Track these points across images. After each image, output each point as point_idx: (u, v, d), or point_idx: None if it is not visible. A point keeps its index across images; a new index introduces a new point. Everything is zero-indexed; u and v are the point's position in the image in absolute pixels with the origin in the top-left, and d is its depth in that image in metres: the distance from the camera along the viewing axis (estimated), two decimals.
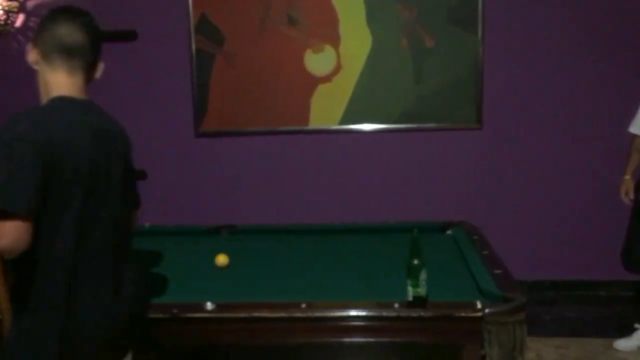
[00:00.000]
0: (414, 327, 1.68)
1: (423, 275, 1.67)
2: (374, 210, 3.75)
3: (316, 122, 3.84)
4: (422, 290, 1.67)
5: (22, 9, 3.93)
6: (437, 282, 1.77)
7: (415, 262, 1.67)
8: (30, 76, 3.95)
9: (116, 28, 3.87)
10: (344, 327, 1.70)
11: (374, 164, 3.85)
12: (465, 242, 2.38)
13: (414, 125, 3.76)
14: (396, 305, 1.67)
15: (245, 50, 3.81)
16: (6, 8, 3.82)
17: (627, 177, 3.12)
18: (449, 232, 2.65)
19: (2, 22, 3.85)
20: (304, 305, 1.69)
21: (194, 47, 3.82)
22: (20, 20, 3.95)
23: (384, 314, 1.66)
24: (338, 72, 3.78)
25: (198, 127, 3.89)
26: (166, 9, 3.85)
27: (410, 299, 1.67)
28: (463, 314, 1.64)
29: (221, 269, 2.16)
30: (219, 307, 1.69)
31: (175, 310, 1.68)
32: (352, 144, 3.84)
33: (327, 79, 3.79)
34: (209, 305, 1.69)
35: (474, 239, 2.40)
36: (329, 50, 3.76)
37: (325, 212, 3.78)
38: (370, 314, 1.67)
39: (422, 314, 1.65)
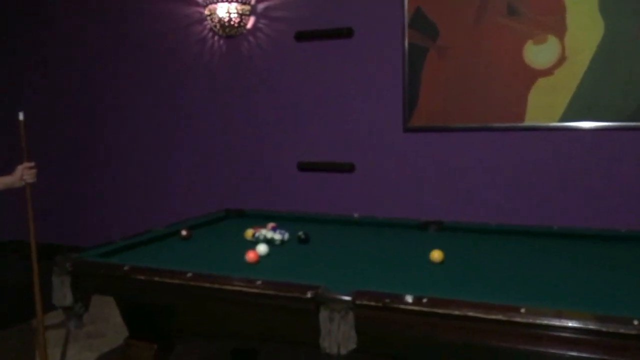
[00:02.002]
0: None
1: None
2: (599, 216, 3.38)
3: (533, 118, 3.58)
4: None
5: (253, 11, 4.31)
6: None
7: None
8: (261, 73, 4.24)
9: (333, 26, 4.06)
10: (569, 339, 1.54)
11: (599, 166, 3.47)
12: None
13: None
14: (636, 322, 1.46)
15: (459, 44, 3.70)
16: (240, 11, 4.22)
17: None
18: None
19: (236, 25, 4.26)
20: (523, 310, 1.56)
21: (407, 41, 3.82)
22: (251, 22, 4.34)
23: (621, 330, 1.46)
24: (562, 64, 3.47)
25: (407, 122, 3.89)
26: (381, 6, 3.91)
27: None
28: None
29: (433, 264, 2.12)
30: (432, 302, 1.65)
31: (387, 300, 1.68)
32: (574, 143, 3.51)
33: (548, 72, 3.51)
34: (418, 299, 1.66)
35: None
36: (552, 40, 3.48)
37: (541, 214, 3.51)
38: (603, 328, 1.48)
39: None
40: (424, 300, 1.66)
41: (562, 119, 3.51)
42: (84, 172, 5.10)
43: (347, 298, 1.72)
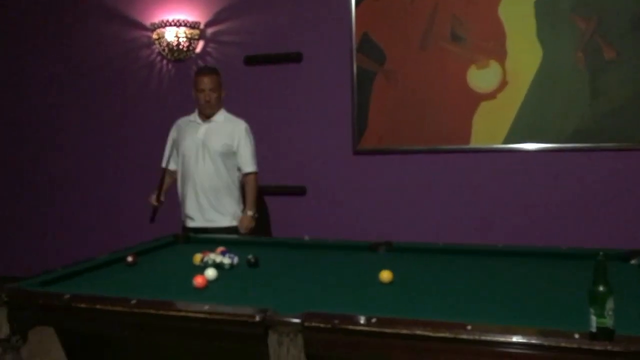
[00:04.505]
0: None
1: (610, 304, 1.47)
2: (541, 234, 3.48)
3: (478, 140, 3.68)
4: (608, 321, 1.47)
5: (202, 35, 4.30)
6: (623, 314, 1.56)
7: (601, 288, 1.48)
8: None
9: (283, 51, 4.09)
10: (514, 354, 1.56)
11: (541, 186, 3.59)
12: None
13: (590, 145, 3.44)
14: (576, 336, 1.50)
15: (406, 68, 3.79)
16: (189, 35, 4.20)
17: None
18: (633, 261, 2.36)
19: (184, 49, 4.24)
20: (469, 327, 1.58)
21: (355, 66, 3.88)
22: (200, 46, 4.33)
23: (563, 344, 1.49)
24: (503, 89, 3.60)
25: (357, 145, 3.93)
26: (330, 31, 3.97)
27: (594, 330, 1.48)
28: None
29: (383, 284, 2.13)
30: (381, 322, 1.65)
31: (336, 321, 1.66)
32: (517, 163, 3.62)
33: (491, 95, 3.63)
34: (367, 319, 1.65)
35: None
36: (494, 65, 3.61)
37: (487, 233, 3.59)
38: (546, 343, 1.51)
39: (609, 347, 1.45)
40: (373, 320, 1.65)
41: (506, 141, 3.62)
42: (22, 199, 4.91)
43: (296, 320, 1.70)
